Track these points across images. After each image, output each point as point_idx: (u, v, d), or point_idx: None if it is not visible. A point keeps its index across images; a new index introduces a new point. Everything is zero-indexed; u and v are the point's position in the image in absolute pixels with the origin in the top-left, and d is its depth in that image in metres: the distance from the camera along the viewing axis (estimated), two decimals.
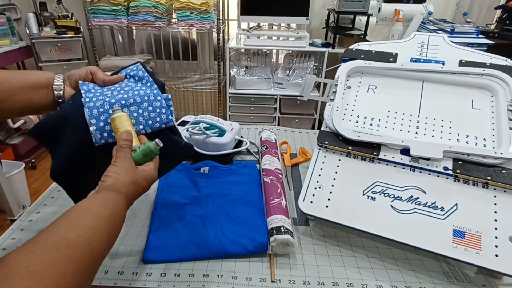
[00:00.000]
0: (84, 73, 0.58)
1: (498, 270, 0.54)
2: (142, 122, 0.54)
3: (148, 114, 0.55)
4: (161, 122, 0.56)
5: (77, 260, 0.33)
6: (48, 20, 2.26)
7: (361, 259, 0.63)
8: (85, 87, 0.56)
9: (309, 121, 2.58)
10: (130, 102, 0.54)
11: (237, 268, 0.59)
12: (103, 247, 0.38)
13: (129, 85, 0.58)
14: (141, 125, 0.54)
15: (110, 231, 0.39)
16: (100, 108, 0.52)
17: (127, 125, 0.52)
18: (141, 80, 0.59)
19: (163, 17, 2.19)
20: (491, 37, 1.93)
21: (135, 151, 0.50)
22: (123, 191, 0.45)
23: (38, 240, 0.33)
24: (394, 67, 0.80)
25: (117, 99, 0.54)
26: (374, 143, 0.70)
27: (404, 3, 2.25)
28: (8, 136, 2.24)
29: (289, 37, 2.42)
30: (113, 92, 0.55)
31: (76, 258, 0.33)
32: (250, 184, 0.78)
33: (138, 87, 0.57)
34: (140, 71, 0.60)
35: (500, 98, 0.71)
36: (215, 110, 2.91)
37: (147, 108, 0.55)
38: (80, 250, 0.34)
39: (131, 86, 0.58)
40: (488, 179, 0.61)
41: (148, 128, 0.55)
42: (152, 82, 0.59)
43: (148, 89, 0.57)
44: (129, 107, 0.54)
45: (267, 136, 0.94)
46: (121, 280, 0.56)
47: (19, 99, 0.52)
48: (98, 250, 0.37)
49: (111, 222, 0.40)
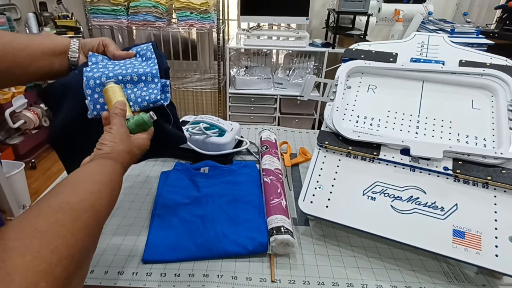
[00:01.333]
0: (96, 44, 0.59)
1: (498, 270, 0.54)
2: (133, 99, 0.55)
3: (141, 93, 0.56)
4: (152, 102, 0.56)
5: (84, 221, 0.34)
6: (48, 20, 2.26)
7: (361, 259, 0.63)
8: (93, 58, 0.58)
9: (309, 121, 2.58)
10: (127, 79, 0.55)
11: (237, 268, 0.59)
12: (105, 211, 0.39)
13: (133, 63, 0.59)
14: (131, 101, 0.55)
15: (110, 196, 0.40)
16: (97, 79, 0.54)
17: (120, 96, 0.52)
18: (147, 60, 0.60)
19: (163, 17, 2.19)
20: (491, 37, 1.93)
21: (128, 121, 0.51)
22: (119, 160, 0.45)
23: (43, 205, 0.33)
24: (394, 67, 0.80)
25: (116, 73, 0.55)
26: (374, 143, 0.70)
27: (404, 3, 2.25)
28: (8, 136, 2.24)
29: (289, 37, 2.42)
30: (114, 67, 0.57)
31: (82, 219, 0.34)
32: (250, 184, 0.78)
33: (140, 66, 0.58)
34: (149, 52, 0.60)
35: (500, 98, 0.71)
36: (215, 110, 2.91)
37: (142, 88, 0.56)
38: (85, 211, 0.35)
39: (134, 64, 0.58)
40: (488, 179, 0.61)
41: (137, 107, 0.55)
42: (156, 64, 0.59)
43: (150, 69, 0.57)
44: (125, 84, 0.55)
45: (267, 136, 0.94)
46: (121, 280, 0.56)
47: (41, 65, 0.53)
48: (101, 214, 0.38)
49: (110, 188, 0.41)
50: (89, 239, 0.35)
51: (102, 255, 0.61)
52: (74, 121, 0.54)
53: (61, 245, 0.30)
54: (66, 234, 0.31)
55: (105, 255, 0.61)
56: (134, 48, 0.62)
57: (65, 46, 0.56)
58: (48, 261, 0.28)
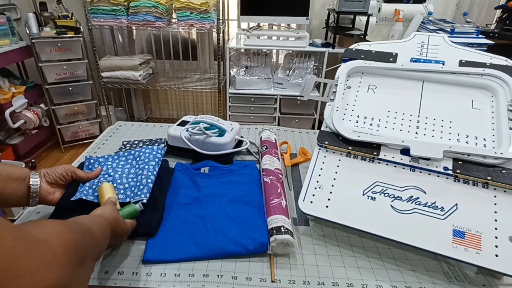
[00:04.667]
0: (64, 172, 0.66)
1: (498, 270, 0.54)
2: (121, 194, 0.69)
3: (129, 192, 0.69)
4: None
5: (88, 230, 0.44)
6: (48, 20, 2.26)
7: (361, 259, 0.63)
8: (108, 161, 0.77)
9: (309, 121, 2.58)
10: (117, 181, 0.70)
11: (237, 268, 0.59)
12: (100, 242, 0.48)
13: (135, 167, 0.75)
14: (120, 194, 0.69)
15: (103, 238, 0.50)
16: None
17: (111, 193, 0.65)
18: (154, 160, 0.75)
19: (163, 17, 2.19)
20: (491, 37, 1.93)
21: (121, 210, 0.61)
22: (109, 220, 0.54)
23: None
24: (394, 67, 0.80)
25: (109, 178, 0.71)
26: (374, 143, 0.70)
27: (404, 3, 2.25)
28: (8, 136, 2.24)
29: (289, 37, 2.41)
30: (115, 175, 0.72)
31: (87, 229, 0.44)
32: (250, 184, 0.78)
33: (140, 172, 0.73)
34: (157, 157, 0.77)
35: (500, 98, 0.71)
36: (215, 110, 2.91)
37: (132, 189, 0.69)
38: (90, 229, 0.45)
39: (135, 169, 0.75)
40: (488, 179, 0.61)
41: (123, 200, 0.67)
42: (155, 169, 0.74)
43: (145, 177, 0.70)
44: (117, 184, 0.70)
45: (267, 136, 0.94)
46: (121, 280, 0.56)
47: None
48: (97, 239, 0.47)
49: (102, 233, 0.50)
50: (89, 246, 0.42)
51: (102, 255, 0.61)
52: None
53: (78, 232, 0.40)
54: (78, 229, 0.41)
55: (105, 255, 0.61)
56: (146, 149, 0.79)
57: (22, 174, 0.60)
58: (70, 230, 0.38)
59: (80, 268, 0.37)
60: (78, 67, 2.32)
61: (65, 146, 2.52)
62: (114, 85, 2.42)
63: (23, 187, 0.59)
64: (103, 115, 2.57)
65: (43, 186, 0.62)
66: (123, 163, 0.77)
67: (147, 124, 1.16)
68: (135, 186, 0.70)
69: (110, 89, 2.60)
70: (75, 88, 2.36)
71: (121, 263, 0.59)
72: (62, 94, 2.35)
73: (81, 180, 0.69)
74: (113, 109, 2.74)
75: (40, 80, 2.25)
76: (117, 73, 2.35)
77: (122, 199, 0.67)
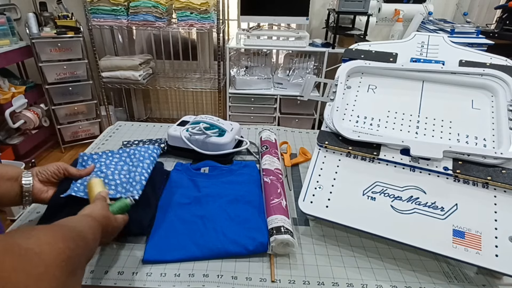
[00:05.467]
0: (55, 169, 0.65)
1: (498, 270, 0.54)
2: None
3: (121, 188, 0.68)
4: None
5: (79, 235, 0.43)
6: (48, 20, 2.26)
7: (361, 259, 0.63)
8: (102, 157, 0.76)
9: (309, 121, 2.58)
10: (109, 178, 0.69)
11: (237, 268, 0.59)
12: (91, 245, 0.46)
13: (128, 165, 0.74)
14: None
15: (93, 240, 0.48)
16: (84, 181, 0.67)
17: (101, 188, 0.62)
18: (149, 159, 0.75)
19: (163, 17, 2.19)
20: (491, 37, 1.93)
21: (111, 206, 0.59)
22: (99, 219, 0.52)
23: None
24: (394, 67, 0.80)
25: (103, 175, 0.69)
26: (374, 143, 0.70)
27: (404, 3, 2.25)
28: (8, 136, 2.24)
29: (289, 37, 2.41)
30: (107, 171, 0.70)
31: (78, 233, 0.43)
32: (250, 184, 0.78)
33: (133, 170, 0.72)
34: (152, 156, 0.77)
35: (500, 98, 0.71)
36: (215, 110, 2.91)
37: (123, 185, 0.68)
38: (80, 233, 0.44)
39: (128, 167, 0.73)
40: (488, 179, 0.61)
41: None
42: (149, 167, 0.73)
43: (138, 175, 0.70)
44: (109, 181, 0.68)
45: (267, 136, 0.94)
46: (121, 280, 0.56)
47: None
48: (88, 243, 0.45)
49: (93, 236, 0.48)
50: (79, 248, 0.41)
51: (102, 255, 0.61)
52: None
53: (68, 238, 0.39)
54: (68, 234, 0.40)
55: (105, 255, 0.61)
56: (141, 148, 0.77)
57: (15, 173, 0.59)
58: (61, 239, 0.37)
59: (72, 278, 0.37)
60: (78, 67, 2.32)
61: (65, 146, 2.52)
62: (114, 85, 2.42)
63: (16, 187, 0.58)
64: (103, 115, 2.57)
65: (36, 185, 0.61)
66: (116, 160, 0.75)
67: (147, 124, 1.16)
68: (127, 182, 0.68)
69: (110, 89, 2.60)
70: (75, 88, 2.36)
71: (121, 263, 0.59)
72: (62, 94, 2.35)
73: (73, 177, 0.67)
74: (113, 109, 2.74)
75: (40, 80, 2.25)
76: (117, 73, 2.35)
77: (113, 195, 0.65)
